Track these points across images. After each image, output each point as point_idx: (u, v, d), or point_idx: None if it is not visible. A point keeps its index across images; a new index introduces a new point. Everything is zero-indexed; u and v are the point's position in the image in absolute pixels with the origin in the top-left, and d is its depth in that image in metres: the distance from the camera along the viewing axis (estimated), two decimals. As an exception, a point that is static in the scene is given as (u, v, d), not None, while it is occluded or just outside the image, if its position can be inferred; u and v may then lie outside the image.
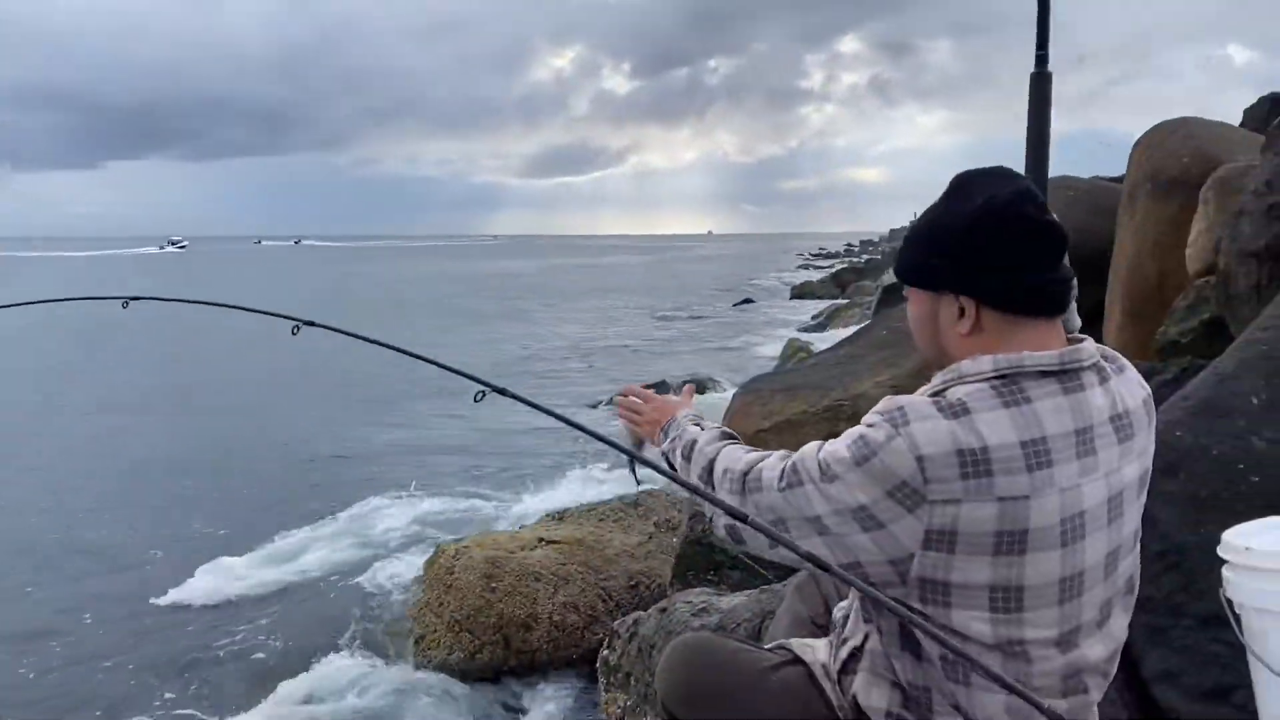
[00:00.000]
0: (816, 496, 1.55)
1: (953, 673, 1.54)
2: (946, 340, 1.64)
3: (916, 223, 1.71)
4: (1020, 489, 1.47)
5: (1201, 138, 8.17)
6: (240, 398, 18.75)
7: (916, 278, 1.68)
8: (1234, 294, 5.14)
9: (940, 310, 1.64)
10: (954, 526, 1.47)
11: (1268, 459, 2.93)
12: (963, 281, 1.60)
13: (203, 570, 8.68)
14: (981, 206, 1.57)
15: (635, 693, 4.16)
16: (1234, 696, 2.81)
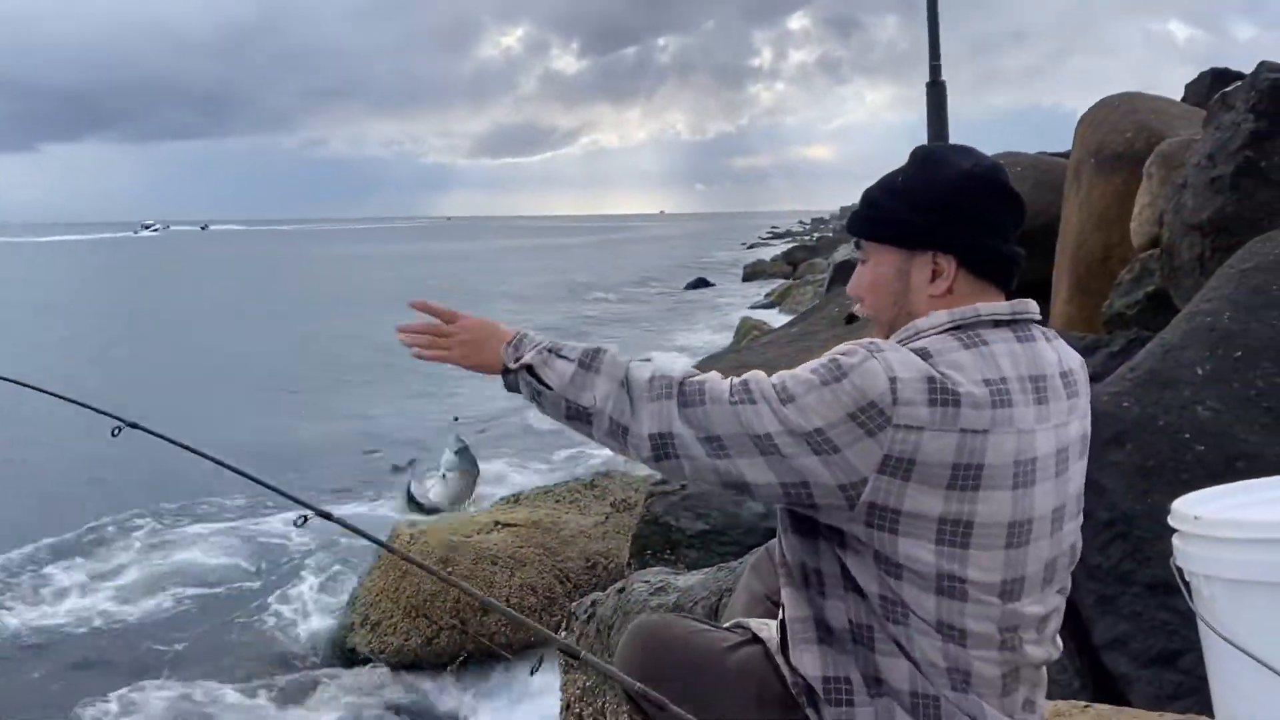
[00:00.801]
0: (768, 415, 1.51)
1: (890, 611, 1.54)
2: (914, 301, 1.65)
3: (884, 184, 1.70)
4: (982, 423, 1.50)
5: (1145, 112, 8.28)
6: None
7: (892, 234, 1.66)
8: (1178, 266, 5.23)
9: (913, 270, 1.65)
10: (913, 455, 1.48)
11: (1212, 428, 2.99)
12: (946, 239, 1.63)
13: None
14: (967, 171, 1.63)
15: (594, 673, 4.16)
16: (1181, 661, 2.87)
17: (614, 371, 1.63)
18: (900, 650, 1.56)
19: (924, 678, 1.55)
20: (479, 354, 1.74)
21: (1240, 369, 3.05)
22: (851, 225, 1.74)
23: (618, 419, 1.60)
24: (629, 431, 1.59)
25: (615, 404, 1.60)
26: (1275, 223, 4.39)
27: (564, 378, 1.64)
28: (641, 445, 1.58)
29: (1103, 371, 4.83)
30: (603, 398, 1.61)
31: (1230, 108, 5.12)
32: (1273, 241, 3.39)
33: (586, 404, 1.62)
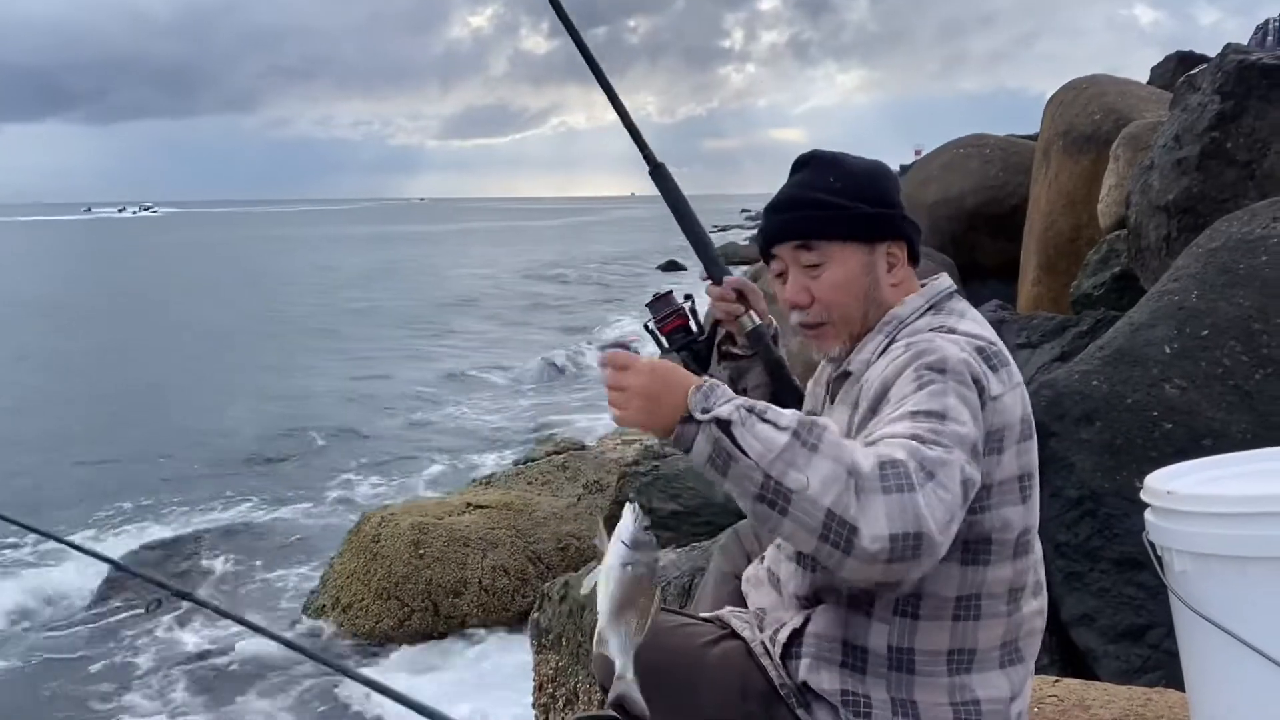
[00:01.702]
0: (967, 466, 1.35)
1: (963, 610, 1.53)
2: (882, 294, 1.65)
3: (819, 186, 1.66)
4: (1016, 377, 1.54)
5: (1112, 95, 8.35)
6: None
7: (857, 229, 1.64)
8: (1144, 247, 5.27)
9: (876, 262, 1.65)
10: (1002, 424, 1.49)
11: (1180, 406, 3.02)
12: (899, 228, 1.67)
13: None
14: (876, 163, 1.71)
15: (566, 654, 4.16)
16: (1148, 636, 2.91)
17: (838, 453, 1.29)
18: (949, 664, 1.54)
19: (965, 688, 1.54)
20: (657, 402, 1.37)
21: (1207, 347, 3.08)
22: (796, 228, 1.66)
23: (841, 513, 1.25)
24: (857, 532, 1.25)
25: (839, 496, 1.26)
26: (1240, 203, 4.44)
27: (770, 447, 1.29)
28: (874, 548, 1.26)
29: (1071, 351, 4.88)
30: (820, 484, 1.27)
31: (1196, 89, 5.17)
32: (1238, 221, 3.43)
33: (794, 486, 1.27)
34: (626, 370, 1.39)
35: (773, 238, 1.69)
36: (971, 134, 11.95)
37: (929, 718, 1.54)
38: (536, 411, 13.81)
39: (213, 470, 11.14)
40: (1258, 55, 5.01)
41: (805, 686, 1.61)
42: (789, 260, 1.67)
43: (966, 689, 1.54)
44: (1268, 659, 1.47)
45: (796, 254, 1.66)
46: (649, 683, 1.68)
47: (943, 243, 10.62)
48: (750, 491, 1.30)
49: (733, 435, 1.31)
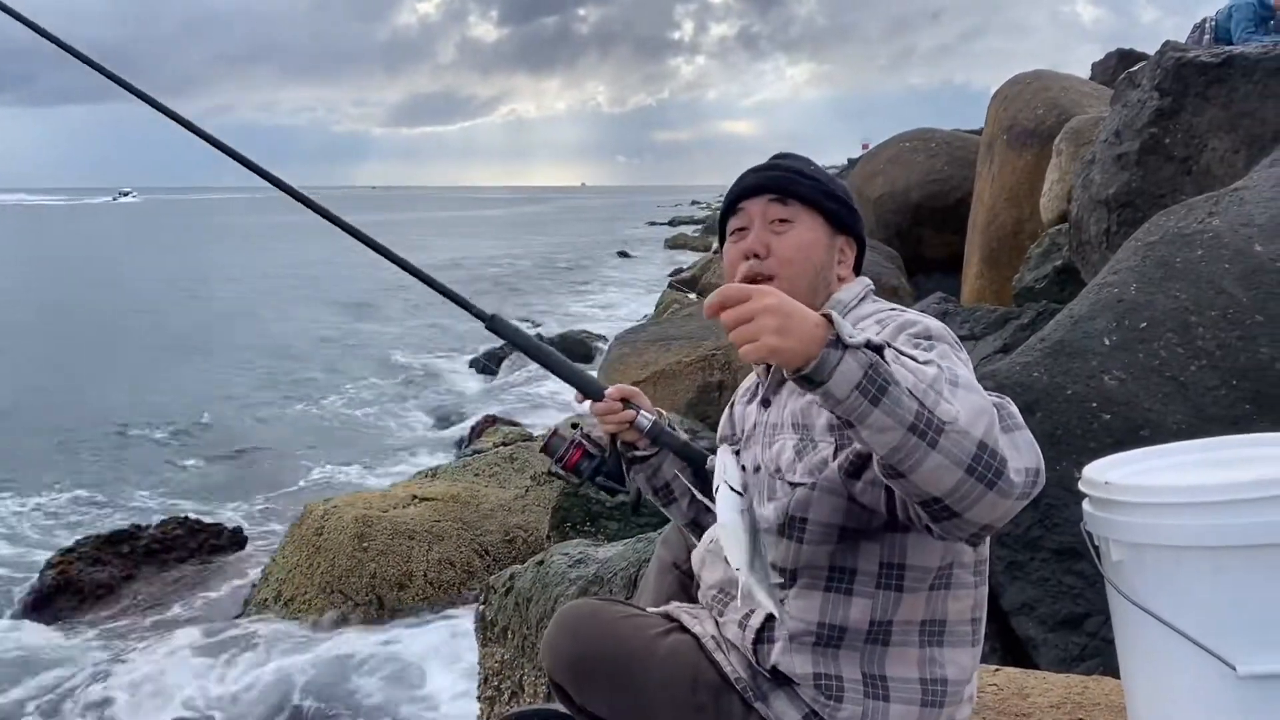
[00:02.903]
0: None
1: (940, 578, 1.57)
2: (831, 280, 1.73)
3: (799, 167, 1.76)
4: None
5: (1055, 90, 8.48)
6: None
7: (826, 208, 1.72)
8: (1085, 240, 5.36)
9: (833, 248, 1.74)
10: None
11: (1118, 397, 3.06)
12: (854, 225, 1.77)
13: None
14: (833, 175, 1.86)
15: (513, 646, 4.14)
16: (1086, 624, 2.95)
17: (975, 387, 1.29)
18: (921, 634, 1.57)
19: (935, 663, 1.57)
20: (793, 320, 1.25)
21: (1145, 340, 3.13)
22: (777, 182, 1.72)
23: (992, 445, 1.24)
24: (1006, 464, 1.25)
25: (988, 429, 1.25)
26: (1178, 197, 4.53)
27: (921, 377, 1.25)
28: (1018, 480, 1.26)
29: (1013, 343, 4.95)
30: (970, 416, 1.24)
31: (1136, 86, 5.26)
32: (1175, 216, 3.48)
33: (946, 417, 1.23)
34: (749, 298, 1.27)
35: (749, 190, 1.74)
36: (918, 128, 12.09)
37: (898, 695, 1.55)
38: (484, 402, 13.73)
39: (143, 462, 10.94)
40: (1195, 53, 5.11)
41: (775, 671, 1.60)
42: (757, 214, 1.71)
43: (937, 664, 1.57)
44: (1201, 647, 1.49)
45: (769, 207, 1.70)
46: (598, 672, 1.67)
47: (888, 236, 10.74)
48: (904, 421, 1.22)
49: (885, 360, 1.25)
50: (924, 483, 1.26)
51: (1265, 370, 2.98)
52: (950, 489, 1.25)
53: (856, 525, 1.54)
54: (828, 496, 1.54)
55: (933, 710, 1.56)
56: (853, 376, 1.23)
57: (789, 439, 1.62)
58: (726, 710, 1.62)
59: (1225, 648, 1.48)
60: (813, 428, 1.58)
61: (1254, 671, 1.46)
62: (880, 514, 1.52)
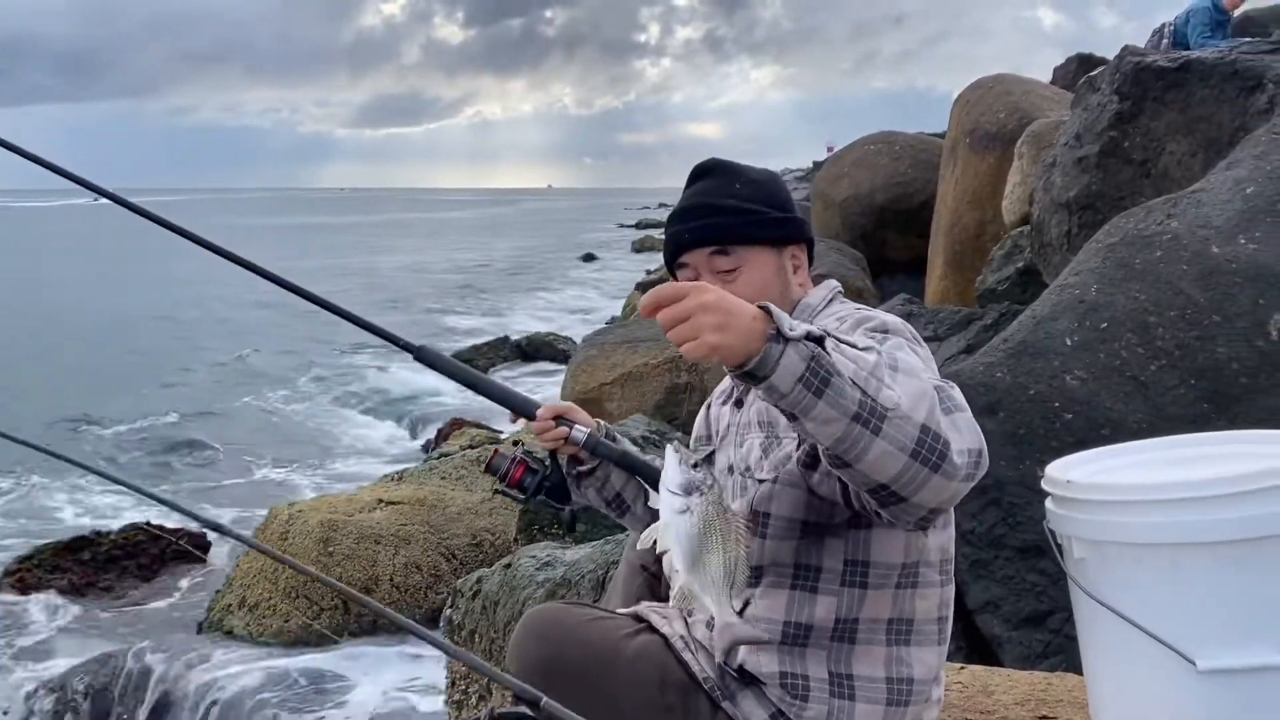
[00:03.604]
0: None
1: (906, 577, 1.57)
2: (793, 294, 1.71)
3: (725, 193, 1.68)
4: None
5: (1017, 94, 8.58)
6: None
7: (772, 234, 1.68)
8: (1047, 242, 5.42)
9: (785, 264, 1.71)
10: None
11: (1080, 397, 3.10)
12: (802, 231, 1.74)
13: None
14: (769, 172, 1.77)
15: (480, 650, 4.12)
16: (1049, 621, 2.99)
17: (916, 371, 1.29)
18: (888, 633, 1.57)
19: (901, 662, 1.57)
20: (732, 317, 1.23)
21: (1105, 340, 3.17)
22: (711, 234, 1.66)
23: (934, 428, 1.24)
24: (949, 446, 1.25)
25: (930, 412, 1.25)
26: (1137, 199, 4.59)
27: (862, 365, 1.24)
28: (961, 461, 1.26)
29: (976, 343, 4.99)
30: (911, 400, 1.24)
31: (1096, 90, 5.33)
32: (1134, 218, 3.54)
33: (888, 403, 1.23)
34: (685, 296, 1.25)
35: (685, 245, 1.68)
36: (882, 131, 12.18)
37: (865, 694, 1.56)
38: (450, 404, 13.66)
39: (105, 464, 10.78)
40: (1153, 58, 5.18)
41: (742, 670, 1.61)
42: (702, 267, 1.67)
43: (904, 663, 1.58)
44: (1161, 643, 1.51)
45: (712, 260, 1.66)
46: (566, 675, 1.66)
47: (853, 238, 10.80)
48: (847, 411, 1.22)
49: (827, 351, 1.24)
50: (870, 470, 1.26)
51: (1222, 369, 3.03)
52: (896, 474, 1.26)
53: (818, 519, 1.55)
54: (788, 490, 1.55)
55: (898, 710, 1.57)
56: (795, 369, 1.22)
57: (756, 437, 1.63)
58: (695, 710, 1.63)
59: (1185, 643, 1.50)
60: (777, 424, 1.60)
61: (1213, 666, 1.49)
62: (840, 507, 1.53)
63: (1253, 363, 3.00)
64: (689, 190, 1.75)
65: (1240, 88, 4.66)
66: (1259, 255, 3.13)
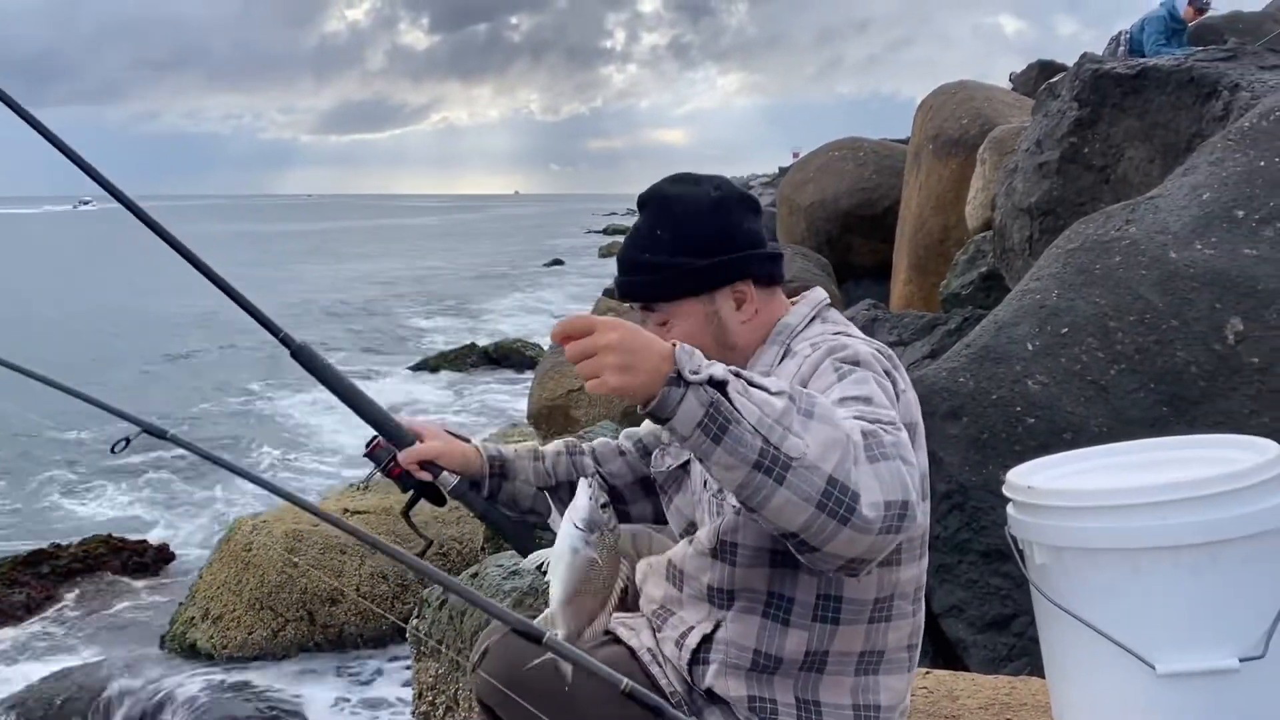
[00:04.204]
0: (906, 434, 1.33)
1: (879, 612, 1.55)
2: (734, 335, 1.64)
3: (645, 243, 1.64)
4: (908, 381, 1.54)
5: (979, 100, 8.66)
6: None
7: (689, 287, 1.61)
8: (1009, 248, 5.47)
9: (720, 309, 1.63)
10: (909, 418, 1.48)
11: (1041, 401, 3.13)
12: (738, 269, 1.62)
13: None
14: (716, 199, 1.64)
15: (446, 661, 4.09)
16: (1014, 625, 3.01)
17: (833, 418, 1.23)
18: (858, 664, 1.55)
19: (869, 690, 1.56)
20: (636, 357, 1.23)
21: (1066, 344, 3.20)
22: (635, 293, 1.65)
23: (842, 479, 1.19)
24: (858, 499, 1.19)
25: (839, 463, 1.20)
26: (1097, 205, 4.65)
27: (768, 411, 1.21)
28: (872, 515, 1.20)
29: (940, 348, 5.03)
30: (820, 449, 1.20)
31: (1056, 96, 5.39)
32: (1093, 223, 3.57)
33: (793, 452, 1.20)
34: (593, 331, 1.24)
35: (622, 298, 1.70)
36: (847, 137, 12.26)
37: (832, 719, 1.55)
38: (416, 412, 13.58)
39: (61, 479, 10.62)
40: (1111, 65, 5.25)
41: (710, 692, 1.59)
42: (642, 316, 1.67)
43: (871, 691, 1.56)
44: (1121, 647, 1.53)
45: (645, 314, 1.66)
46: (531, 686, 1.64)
47: (819, 243, 10.87)
48: (747, 459, 1.19)
49: (728, 397, 1.21)
50: (776, 519, 1.22)
51: (1181, 373, 3.07)
52: (803, 525, 1.21)
53: (785, 549, 1.54)
54: (754, 520, 1.54)
55: None
56: (695, 414, 1.21)
57: None
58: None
59: (1145, 647, 1.52)
60: None
61: (1172, 670, 1.50)
62: None
63: (1210, 366, 3.04)
64: (632, 226, 1.73)
65: (1196, 95, 4.73)
66: (1215, 260, 3.17)
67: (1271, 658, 1.48)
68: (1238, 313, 3.07)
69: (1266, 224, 3.21)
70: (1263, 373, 2.97)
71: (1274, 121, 3.45)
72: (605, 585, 1.35)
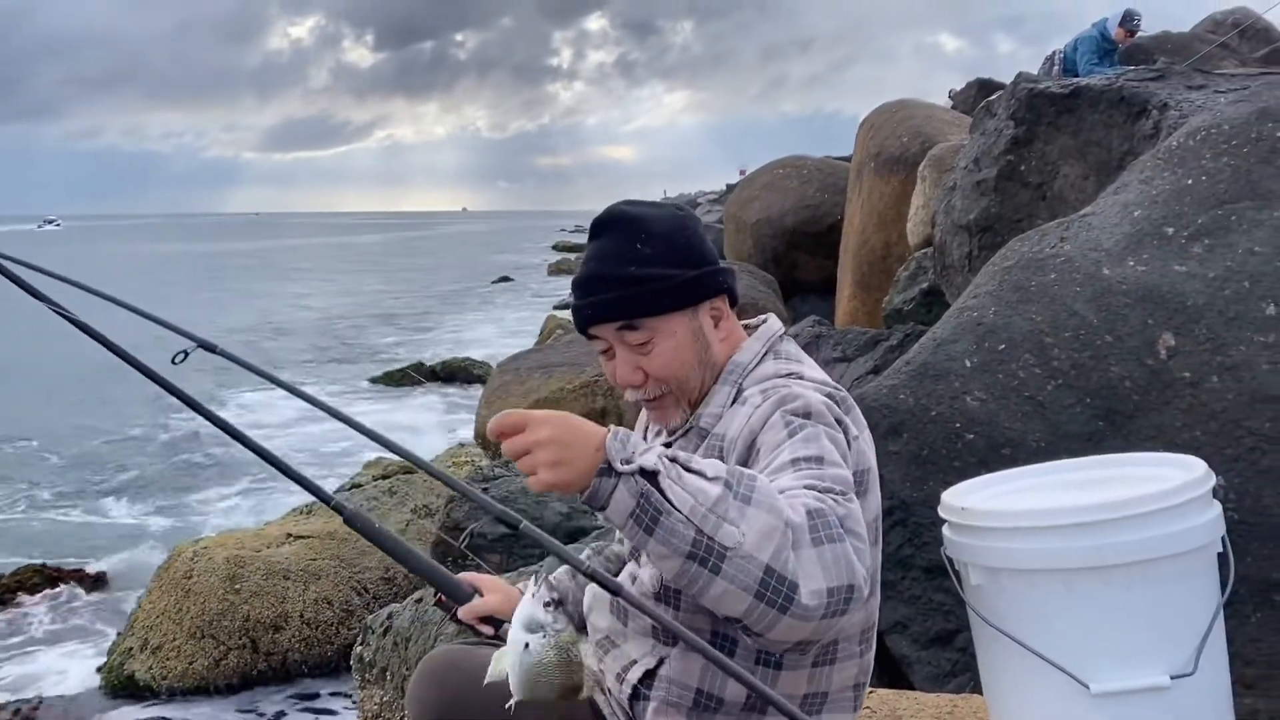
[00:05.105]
0: (857, 503, 1.32)
1: (823, 655, 1.53)
2: (714, 353, 1.60)
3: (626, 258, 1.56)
4: (862, 421, 1.53)
5: (919, 118, 8.80)
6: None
7: (678, 300, 1.56)
8: (948, 264, 5.54)
9: (702, 324, 1.59)
10: (863, 464, 1.47)
11: (980, 417, 3.16)
12: (718, 283, 1.60)
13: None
14: (680, 217, 1.61)
15: (391, 688, 4.03)
16: (957, 640, 3.02)
17: (772, 504, 1.20)
18: (801, 706, 1.53)
19: None
20: (569, 451, 1.22)
21: (1004, 361, 3.24)
22: (613, 311, 1.56)
23: (780, 569, 1.17)
24: (797, 589, 1.18)
25: (777, 551, 1.18)
26: (1034, 222, 4.72)
27: (701, 500, 1.20)
28: (813, 604, 1.19)
29: (883, 364, 5.08)
30: (757, 538, 1.18)
31: (992, 115, 5.48)
32: (1029, 241, 3.63)
33: (728, 542, 1.18)
34: (526, 428, 1.24)
35: (590, 320, 1.58)
36: (791, 155, 12.39)
37: None
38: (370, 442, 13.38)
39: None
40: (1046, 84, 5.35)
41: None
42: (614, 341, 1.58)
43: None
44: (1056, 667, 1.54)
45: (621, 334, 1.56)
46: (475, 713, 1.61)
47: (765, 260, 10.95)
48: (680, 550, 1.18)
49: (660, 487, 1.20)
50: (716, 607, 1.22)
51: (1115, 388, 3.11)
52: (744, 613, 1.20)
53: None
54: None
55: None
56: (626, 505, 1.20)
57: None
58: None
59: (1079, 666, 1.53)
60: None
61: (1106, 689, 1.52)
62: None
63: (1143, 381, 3.09)
64: (590, 249, 1.63)
65: (1127, 113, 4.83)
66: (1147, 277, 3.23)
67: (1201, 675, 1.51)
68: (1169, 328, 3.13)
69: (1195, 241, 3.28)
70: (1194, 387, 3.03)
71: (1200, 141, 3.54)
72: (558, 687, 1.32)
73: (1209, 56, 10.30)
